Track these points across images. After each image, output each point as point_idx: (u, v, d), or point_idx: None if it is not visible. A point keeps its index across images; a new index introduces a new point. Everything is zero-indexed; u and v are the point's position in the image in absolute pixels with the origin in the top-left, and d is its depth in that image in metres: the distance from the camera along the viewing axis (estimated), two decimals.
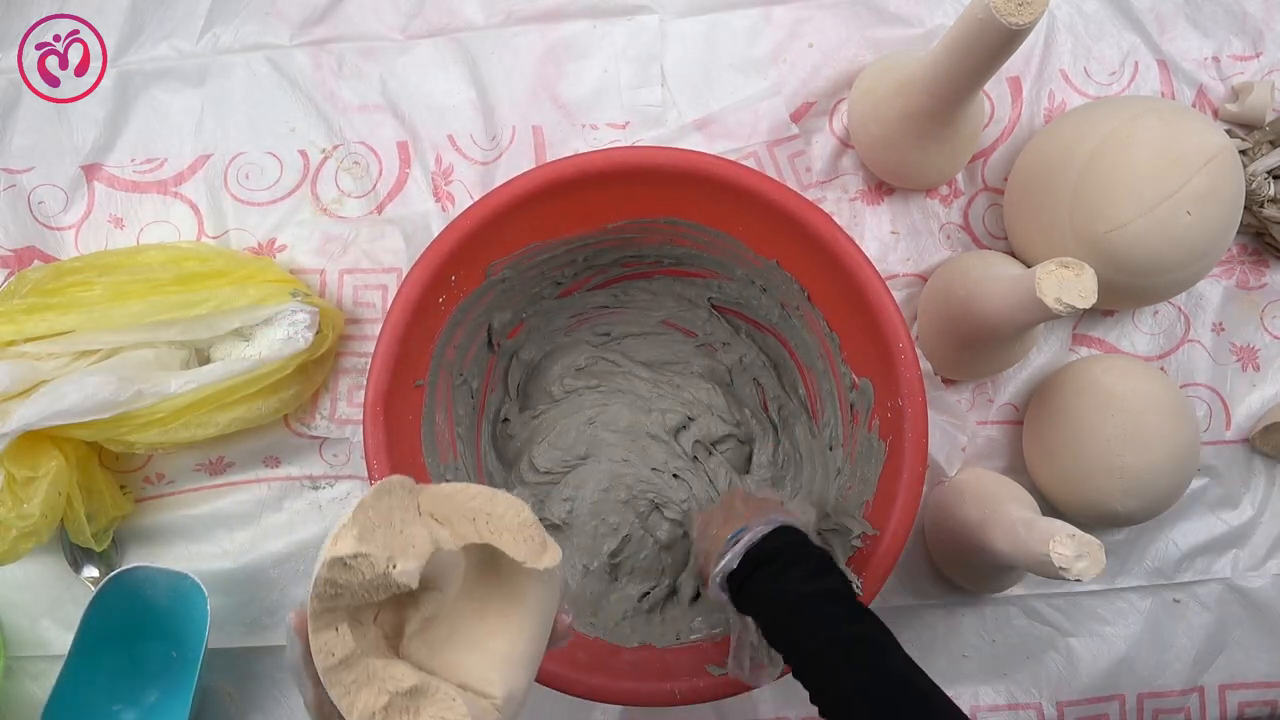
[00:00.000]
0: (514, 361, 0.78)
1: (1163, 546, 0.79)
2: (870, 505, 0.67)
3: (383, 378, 0.64)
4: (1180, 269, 0.69)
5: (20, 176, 0.81)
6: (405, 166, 0.81)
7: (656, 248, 0.75)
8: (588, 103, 0.82)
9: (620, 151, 0.66)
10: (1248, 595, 0.78)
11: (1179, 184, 0.66)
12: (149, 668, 0.77)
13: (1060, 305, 0.58)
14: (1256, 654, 0.78)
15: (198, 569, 0.72)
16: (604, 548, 0.74)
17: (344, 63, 0.82)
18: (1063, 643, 0.78)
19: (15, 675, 0.77)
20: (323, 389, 0.79)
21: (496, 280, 0.71)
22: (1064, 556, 0.57)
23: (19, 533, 0.68)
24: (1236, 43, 0.82)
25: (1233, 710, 0.78)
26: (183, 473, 0.79)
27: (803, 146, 0.81)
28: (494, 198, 0.65)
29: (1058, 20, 0.82)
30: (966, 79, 0.65)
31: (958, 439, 0.77)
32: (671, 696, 0.63)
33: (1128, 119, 0.68)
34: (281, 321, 0.73)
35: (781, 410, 0.78)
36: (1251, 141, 0.78)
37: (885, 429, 0.66)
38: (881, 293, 0.64)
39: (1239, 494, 0.79)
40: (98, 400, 0.66)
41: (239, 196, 0.81)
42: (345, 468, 0.79)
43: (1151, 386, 0.70)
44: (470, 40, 0.82)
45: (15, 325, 0.68)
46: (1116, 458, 0.69)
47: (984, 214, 0.81)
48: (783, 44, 0.82)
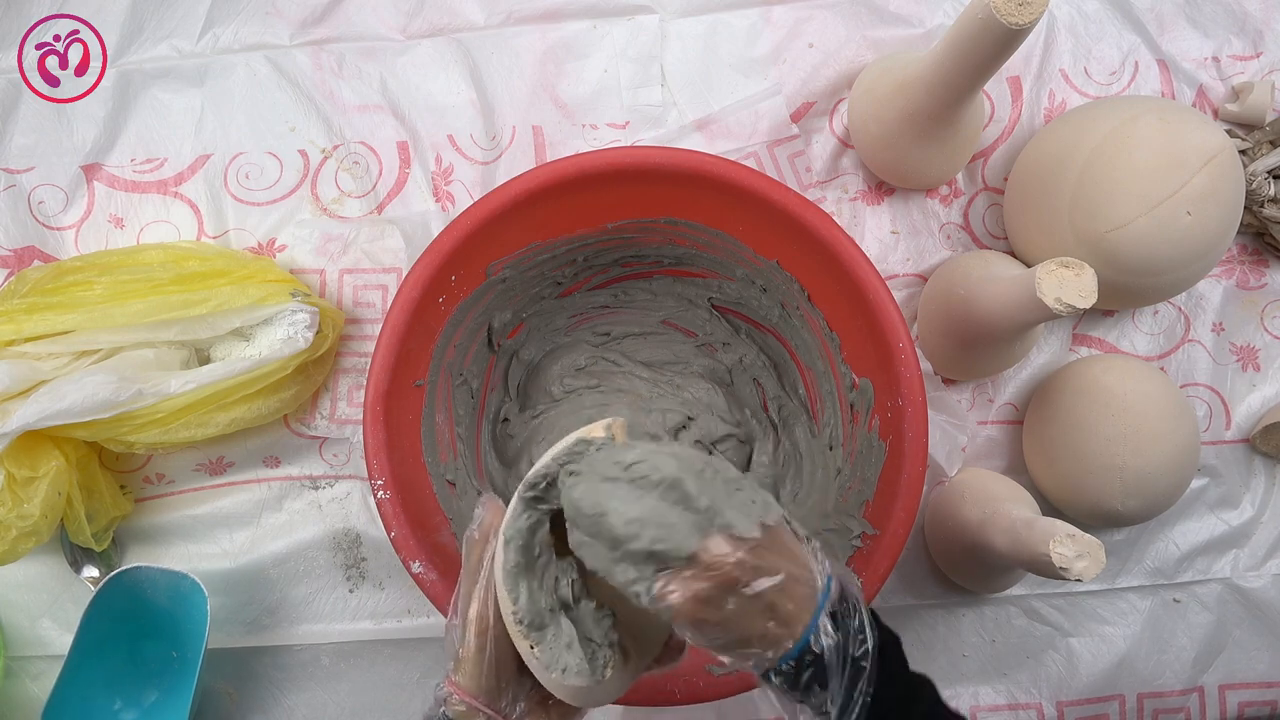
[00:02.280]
0: (514, 361, 0.78)
1: (1163, 546, 0.79)
2: (870, 505, 0.67)
3: (383, 378, 0.64)
4: (1180, 269, 0.69)
5: (20, 176, 0.81)
6: (405, 166, 0.81)
7: (657, 248, 0.75)
8: (588, 103, 0.82)
9: (620, 151, 0.66)
10: (1248, 595, 0.78)
11: (1179, 184, 0.66)
12: (149, 668, 0.77)
13: (1060, 305, 0.58)
14: (1256, 654, 0.78)
15: (198, 569, 0.73)
16: None
17: (344, 63, 0.82)
18: (1063, 643, 0.78)
19: (15, 675, 0.78)
20: (323, 389, 0.79)
21: (496, 280, 0.71)
22: (1064, 556, 0.57)
23: (19, 533, 0.68)
24: (1236, 43, 0.82)
25: (1233, 710, 0.78)
26: (183, 473, 0.79)
27: (803, 146, 0.81)
28: (494, 198, 0.65)
29: (1058, 20, 0.82)
30: (966, 79, 0.65)
31: (958, 439, 0.77)
32: (671, 696, 0.63)
33: (1128, 119, 0.68)
34: (281, 321, 0.73)
35: (782, 410, 0.78)
36: (1251, 141, 0.78)
37: (885, 429, 0.66)
38: (881, 293, 0.64)
39: (1239, 494, 0.79)
40: (98, 400, 0.66)
41: (239, 196, 0.81)
42: (345, 468, 0.79)
43: (1151, 386, 0.70)
44: (470, 40, 0.82)
45: (15, 325, 0.68)
46: (1116, 458, 0.69)
47: (984, 214, 0.81)
48: (783, 44, 0.82)
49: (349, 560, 0.78)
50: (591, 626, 0.46)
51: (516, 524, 0.44)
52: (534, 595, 0.44)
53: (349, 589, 0.78)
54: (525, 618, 0.44)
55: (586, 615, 0.46)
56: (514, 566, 0.44)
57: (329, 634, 0.78)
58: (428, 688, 0.78)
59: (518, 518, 0.44)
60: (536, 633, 0.44)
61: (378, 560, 0.78)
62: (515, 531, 0.44)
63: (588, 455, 0.44)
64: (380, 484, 0.63)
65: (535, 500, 0.45)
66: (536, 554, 0.45)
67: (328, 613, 0.78)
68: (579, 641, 0.45)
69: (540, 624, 0.44)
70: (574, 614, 0.46)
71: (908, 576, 0.78)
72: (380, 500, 0.63)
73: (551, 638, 0.45)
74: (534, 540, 0.45)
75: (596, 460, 0.44)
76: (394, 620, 0.78)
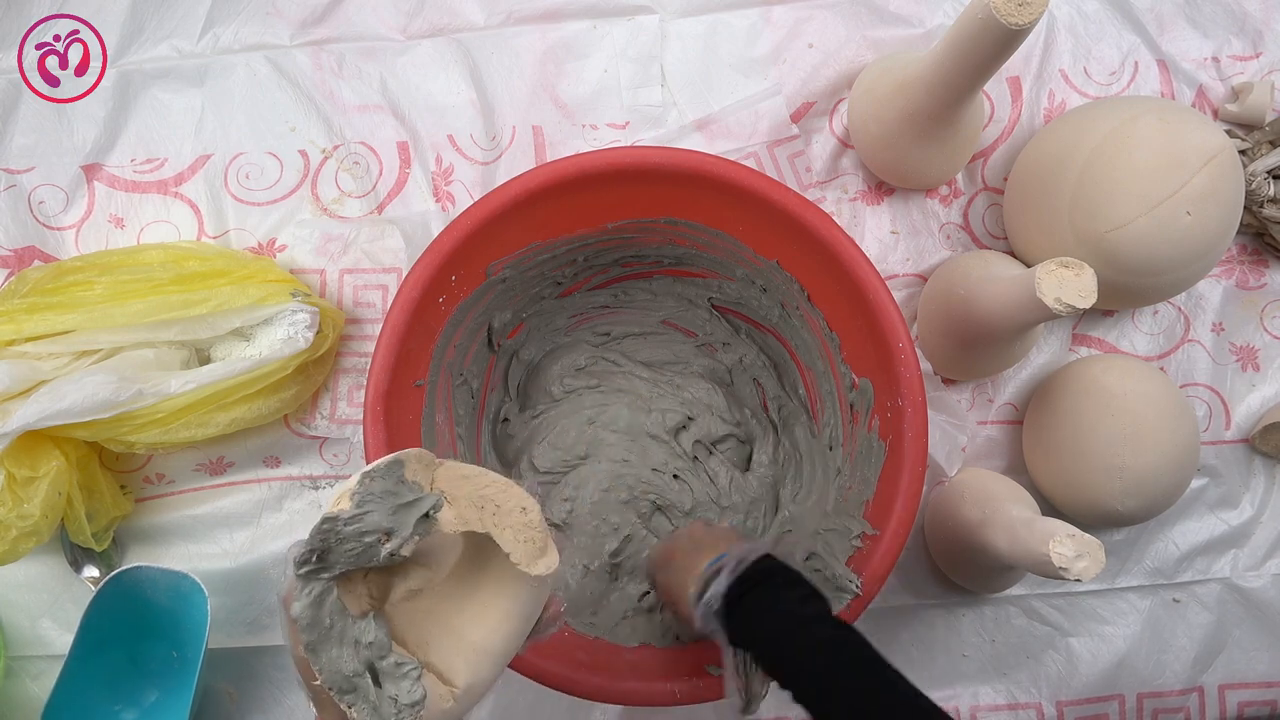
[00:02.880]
0: (514, 361, 0.78)
1: (1163, 546, 0.79)
2: (870, 505, 0.67)
3: (383, 377, 0.64)
4: (1180, 269, 0.69)
5: (20, 176, 0.81)
6: (405, 166, 0.81)
7: (657, 248, 0.75)
8: (588, 103, 0.82)
9: (620, 151, 0.66)
10: (1247, 595, 0.78)
11: (1179, 184, 0.66)
12: (149, 668, 0.77)
13: (1060, 305, 0.58)
14: (1256, 654, 0.78)
15: (198, 569, 0.73)
16: (605, 548, 0.74)
17: (344, 63, 0.82)
18: (1062, 642, 0.78)
19: (15, 675, 0.78)
20: (323, 389, 0.79)
21: (497, 280, 0.71)
22: (1064, 556, 0.57)
23: (19, 533, 0.68)
24: (1236, 43, 0.82)
25: (1232, 710, 0.78)
26: (183, 473, 0.79)
27: (802, 146, 0.81)
28: (494, 198, 0.65)
29: (1058, 20, 0.82)
30: (966, 79, 0.65)
31: (958, 439, 0.77)
32: (671, 696, 0.63)
33: (1128, 119, 0.68)
34: (281, 321, 0.73)
35: (781, 410, 0.78)
36: (1251, 141, 0.78)
37: (885, 429, 0.66)
38: (881, 293, 0.64)
39: (1239, 494, 0.79)
40: (98, 400, 0.66)
41: (239, 196, 0.81)
42: (345, 468, 0.79)
43: (1151, 386, 0.70)
44: (470, 40, 0.82)
45: (15, 325, 0.68)
46: (1116, 458, 0.69)
47: (984, 214, 0.81)
48: (783, 44, 0.82)
49: None
50: (396, 682, 0.45)
51: (299, 603, 0.43)
52: (334, 663, 0.44)
53: None
54: (332, 685, 0.44)
55: (392, 673, 0.45)
56: (307, 646, 0.43)
57: None
58: None
59: (298, 598, 0.43)
60: (349, 695, 0.44)
61: None
62: (300, 611, 0.43)
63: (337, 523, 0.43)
64: None
65: (312, 574, 0.43)
66: (329, 625, 0.44)
67: None
68: (387, 699, 0.45)
69: (348, 688, 0.44)
70: (380, 672, 0.45)
71: (908, 576, 0.78)
72: None
73: (361, 700, 0.44)
74: (320, 615, 0.44)
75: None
76: None
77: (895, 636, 0.78)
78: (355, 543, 0.43)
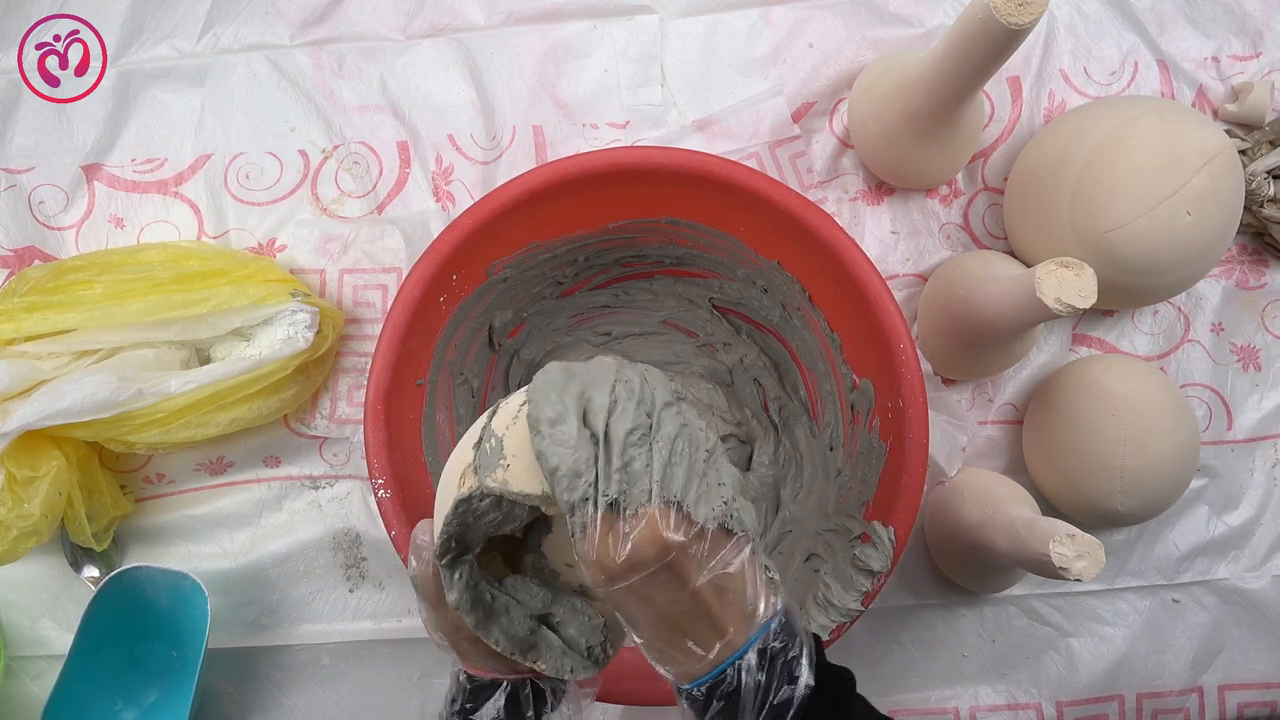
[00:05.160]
0: (515, 361, 0.78)
1: (1163, 546, 0.79)
2: (870, 506, 0.67)
3: (383, 377, 0.64)
4: (1180, 269, 0.69)
5: (20, 176, 0.81)
6: (405, 166, 0.81)
7: (658, 248, 0.75)
8: (588, 103, 0.82)
9: (621, 151, 0.66)
10: (1247, 596, 0.78)
11: (1179, 184, 0.66)
12: (149, 668, 0.77)
13: (1060, 305, 0.58)
14: (1256, 654, 0.78)
15: (198, 569, 0.73)
16: None
17: (344, 63, 0.82)
18: (1062, 643, 0.78)
19: (15, 675, 0.77)
20: (323, 389, 0.79)
21: (497, 280, 0.71)
22: (1064, 556, 0.57)
23: (19, 533, 0.68)
24: (1236, 43, 0.82)
25: (1232, 711, 0.78)
26: (183, 473, 0.79)
27: (803, 147, 0.81)
28: (494, 198, 0.65)
29: (1058, 20, 0.82)
30: (966, 79, 0.65)
31: (958, 439, 0.77)
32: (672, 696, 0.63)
33: (1128, 119, 0.68)
34: (281, 321, 0.73)
35: (782, 410, 0.78)
36: (1251, 141, 0.78)
37: (886, 429, 0.66)
38: (882, 293, 0.64)
39: (1239, 494, 0.79)
40: (98, 400, 0.66)
41: (239, 196, 0.81)
42: (345, 467, 0.79)
43: (1151, 386, 0.70)
44: (470, 40, 0.82)
45: (15, 324, 0.68)
46: (1116, 458, 0.69)
47: (984, 214, 0.81)
48: (783, 44, 0.82)
49: (349, 560, 0.78)
50: (573, 622, 0.46)
51: (454, 592, 0.43)
52: (507, 630, 0.44)
53: (349, 589, 0.78)
54: (511, 650, 0.44)
55: (566, 616, 0.46)
56: (476, 624, 0.44)
57: (329, 634, 0.78)
58: (428, 687, 0.78)
59: (451, 587, 0.43)
60: (530, 652, 0.45)
61: (378, 560, 0.78)
62: (457, 598, 0.43)
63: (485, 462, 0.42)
64: (381, 483, 0.63)
65: (454, 561, 0.43)
66: (489, 600, 0.44)
67: (328, 613, 0.78)
68: (571, 641, 0.46)
69: (528, 646, 0.45)
70: (554, 620, 0.46)
71: (908, 576, 0.78)
72: (381, 500, 0.63)
73: (545, 651, 0.45)
74: (479, 592, 0.44)
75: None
76: (394, 620, 0.78)
77: (895, 636, 0.78)
78: (495, 512, 0.42)
